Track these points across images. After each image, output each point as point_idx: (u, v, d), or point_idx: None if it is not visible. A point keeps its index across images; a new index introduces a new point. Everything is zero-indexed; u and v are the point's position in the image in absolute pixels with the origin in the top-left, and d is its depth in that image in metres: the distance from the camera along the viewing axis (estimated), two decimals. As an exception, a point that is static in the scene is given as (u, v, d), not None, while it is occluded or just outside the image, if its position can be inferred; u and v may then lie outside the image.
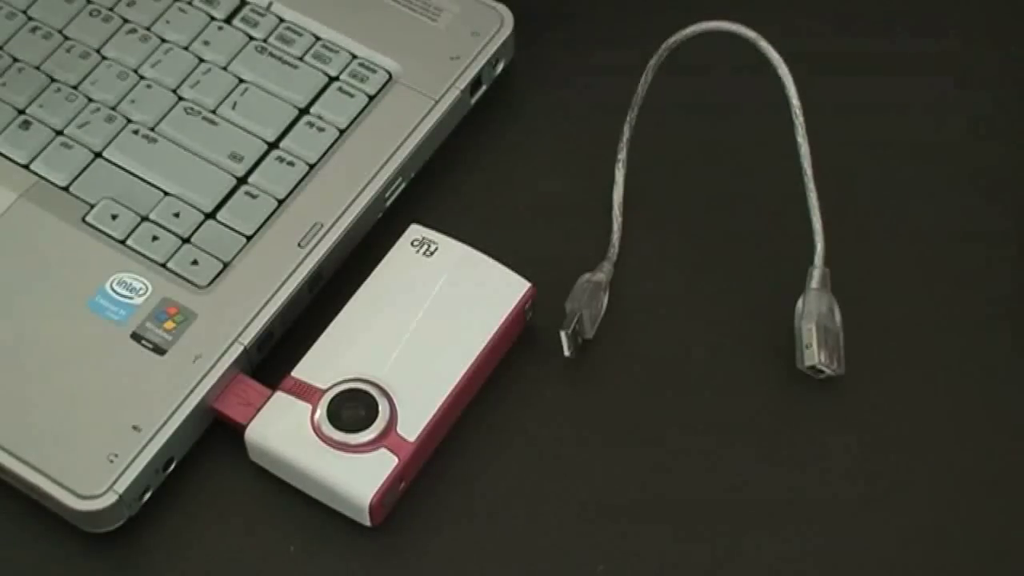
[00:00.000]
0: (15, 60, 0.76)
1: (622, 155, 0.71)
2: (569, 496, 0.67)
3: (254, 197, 0.72)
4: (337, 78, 0.75)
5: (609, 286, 0.70)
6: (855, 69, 0.78)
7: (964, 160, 0.75)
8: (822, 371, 0.68)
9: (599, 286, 0.70)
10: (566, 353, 0.69)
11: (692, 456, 0.68)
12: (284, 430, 0.66)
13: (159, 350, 0.68)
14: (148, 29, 0.77)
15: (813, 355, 0.68)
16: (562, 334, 0.68)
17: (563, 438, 0.69)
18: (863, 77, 0.78)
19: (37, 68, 0.76)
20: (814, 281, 0.69)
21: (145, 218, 0.72)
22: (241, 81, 0.75)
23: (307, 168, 0.73)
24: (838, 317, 0.69)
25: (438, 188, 0.75)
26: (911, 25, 0.79)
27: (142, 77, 0.75)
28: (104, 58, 0.76)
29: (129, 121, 0.74)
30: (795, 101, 0.69)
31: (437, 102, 0.74)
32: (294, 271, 0.70)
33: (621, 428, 0.69)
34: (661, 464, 0.68)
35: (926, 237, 0.73)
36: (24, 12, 0.77)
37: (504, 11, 0.77)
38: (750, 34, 0.69)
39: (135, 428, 0.66)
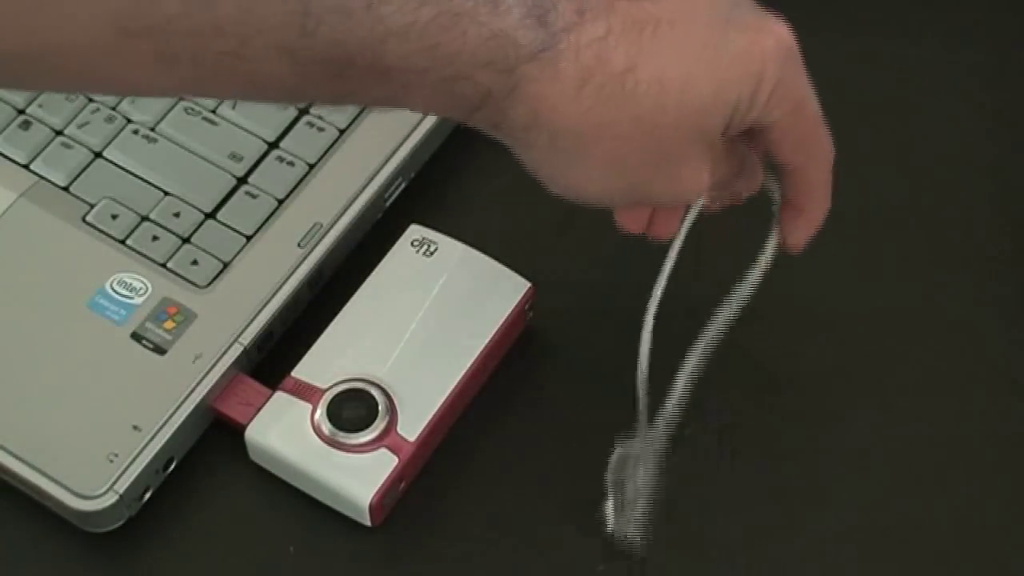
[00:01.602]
0: (15, 60, 0.76)
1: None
2: (570, 496, 0.67)
3: (254, 197, 0.72)
4: (337, 78, 0.75)
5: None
6: (857, 70, 0.78)
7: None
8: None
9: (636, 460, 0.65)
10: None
11: (692, 454, 0.68)
12: (284, 430, 0.66)
13: (159, 350, 0.68)
14: (148, 29, 0.77)
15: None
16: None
17: (564, 438, 0.69)
18: (863, 79, 0.78)
19: (37, 68, 0.76)
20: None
21: (145, 218, 0.71)
22: (241, 81, 0.75)
23: (307, 168, 0.73)
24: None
25: (438, 188, 0.75)
26: (910, 28, 0.79)
27: (142, 77, 0.75)
28: (104, 58, 0.76)
29: (129, 121, 0.74)
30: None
31: (437, 102, 0.74)
32: (294, 271, 0.70)
33: (621, 428, 0.69)
34: (661, 463, 0.68)
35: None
36: (24, 12, 0.77)
37: (504, 11, 0.77)
38: None
39: (135, 428, 0.66)
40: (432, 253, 0.70)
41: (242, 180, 0.73)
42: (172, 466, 0.67)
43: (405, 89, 0.55)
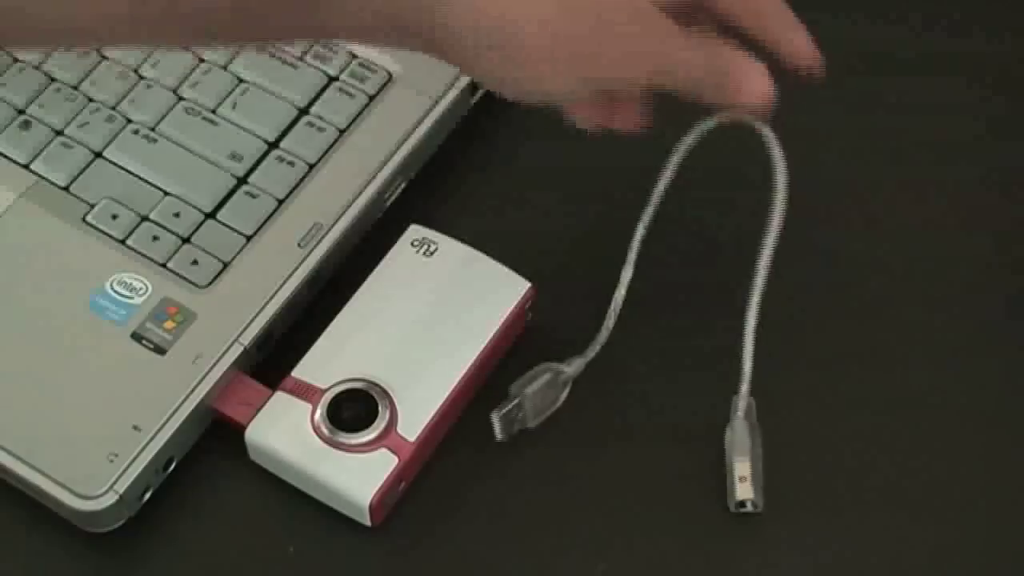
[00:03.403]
0: (15, 60, 0.76)
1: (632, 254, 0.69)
2: (569, 496, 0.67)
3: (254, 197, 0.72)
4: (337, 78, 0.75)
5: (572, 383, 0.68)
6: (868, 69, 0.78)
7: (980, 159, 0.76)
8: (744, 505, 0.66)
9: (560, 382, 0.68)
10: (498, 436, 0.67)
11: (690, 457, 0.68)
12: (284, 430, 0.66)
13: (159, 350, 0.68)
14: (148, 29, 0.77)
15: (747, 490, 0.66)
16: (493, 416, 0.66)
17: (563, 438, 0.69)
18: (879, 76, 0.77)
19: (37, 68, 0.76)
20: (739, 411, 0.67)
21: (145, 218, 0.72)
22: (241, 81, 0.75)
23: (307, 168, 0.73)
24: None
25: (438, 188, 0.75)
26: (923, 22, 0.79)
27: (142, 77, 0.75)
28: (104, 58, 0.76)
29: (129, 121, 0.74)
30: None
31: (437, 102, 0.74)
32: (294, 271, 0.70)
33: (621, 428, 0.69)
34: (661, 463, 0.68)
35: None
36: (24, 12, 0.77)
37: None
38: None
39: (135, 428, 0.66)
40: (432, 253, 0.70)
41: (242, 180, 0.73)
42: (172, 466, 0.67)
43: (340, 14, 0.58)
